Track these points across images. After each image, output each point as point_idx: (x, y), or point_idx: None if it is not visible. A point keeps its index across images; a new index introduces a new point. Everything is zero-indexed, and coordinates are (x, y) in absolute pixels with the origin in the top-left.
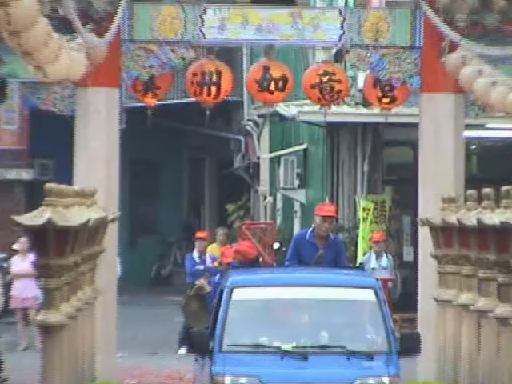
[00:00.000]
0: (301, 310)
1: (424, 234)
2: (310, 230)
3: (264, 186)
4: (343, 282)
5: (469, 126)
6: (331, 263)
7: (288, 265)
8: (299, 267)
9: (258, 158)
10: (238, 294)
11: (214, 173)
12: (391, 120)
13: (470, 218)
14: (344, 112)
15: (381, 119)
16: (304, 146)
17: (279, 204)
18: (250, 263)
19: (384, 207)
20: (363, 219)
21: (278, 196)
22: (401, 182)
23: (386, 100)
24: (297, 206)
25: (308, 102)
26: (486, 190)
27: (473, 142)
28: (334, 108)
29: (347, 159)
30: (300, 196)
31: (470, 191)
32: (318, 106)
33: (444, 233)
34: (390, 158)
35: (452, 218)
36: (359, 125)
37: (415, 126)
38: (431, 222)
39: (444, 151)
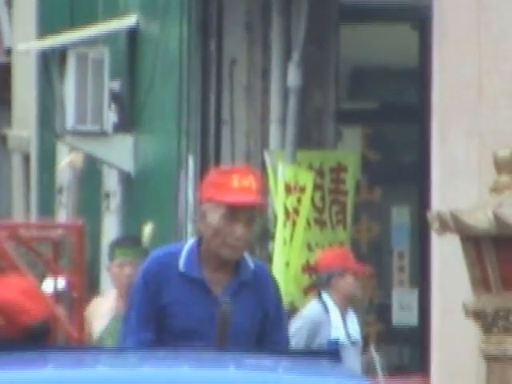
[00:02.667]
0: None
1: (445, 254)
2: (188, 245)
3: (23, 126)
4: None
5: None
6: (251, 336)
7: (130, 341)
8: (156, 348)
9: (8, 51)
10: None
11: None
12: None
13: None
14: None
15: None
16: (131, 22)
17: (65, 175)
18: (23, 337)
19: (342, 183)
20: (287, 214)
21: (61, 152)
22: (385, 117)
23: None
24: (111, 181)
25: None
26: None
27: None
28: None
29: (244, 55)
30: (120, 153)
31: None
32: None
33: (502, 252)
34: (357, 53)
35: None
36: None
37: None
38: (465, 223)
39: (507, 35)
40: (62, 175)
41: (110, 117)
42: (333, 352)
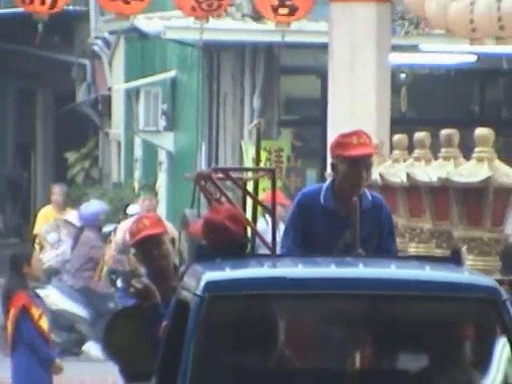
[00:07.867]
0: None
1: None
2: (326, 185)
3: (117, 127)
4: (438, 283)
5: (397, 48)
6: (371, 248)
7: (293, 251)
8: (326, 257)
9: (110, 89)
10: (226, 312)
11: (50, 109)
12: (290, 39)
13: (398, 173)
14: (227, 28)
15: (277, 38)
16: (172, 74)
17: (138, 152)
18: (232, 249)
19: (280, 157)
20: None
21: (137, 142)
22: (304, 124)
23: (283, 11)
24: (162, 156)
25: (178, 13)
26: (420, 135)
27: (402, 70)
28: (212, 22)
29: (231, 92)
30: (167, 142)
31: (397, 136)
32: (191, 20)
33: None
34: (289, 91)
35: (373, 173)
36: (247, 45)
37: (324, 47)
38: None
39: (363, 81)
40: (133, 153)
41: (161, 122)
42: (455, 257)
